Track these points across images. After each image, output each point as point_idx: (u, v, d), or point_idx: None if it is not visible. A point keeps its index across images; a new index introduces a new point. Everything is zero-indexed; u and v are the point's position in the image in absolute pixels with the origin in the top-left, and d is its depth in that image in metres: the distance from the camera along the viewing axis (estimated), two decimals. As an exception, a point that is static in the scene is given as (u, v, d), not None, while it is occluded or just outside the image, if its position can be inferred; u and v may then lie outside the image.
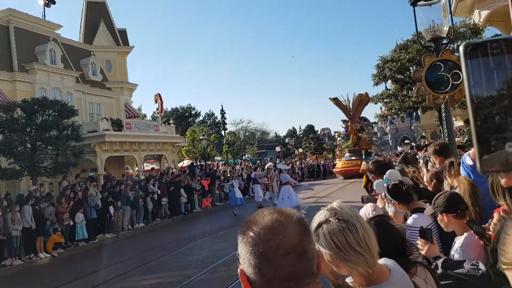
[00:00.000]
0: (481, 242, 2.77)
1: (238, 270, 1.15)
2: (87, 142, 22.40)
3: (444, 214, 3.10)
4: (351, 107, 42.99)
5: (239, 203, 21.25)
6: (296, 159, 51.92)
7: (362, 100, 41.23)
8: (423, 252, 2.89)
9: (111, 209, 18.38)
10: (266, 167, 24.96)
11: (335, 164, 43.13)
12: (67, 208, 16.40)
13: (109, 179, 21.77)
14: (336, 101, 42.28)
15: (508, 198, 2.64)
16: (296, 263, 1.09)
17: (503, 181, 0.79)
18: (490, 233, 2.70)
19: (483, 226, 2.79)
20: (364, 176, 20.05)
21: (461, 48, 0.73)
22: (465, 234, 2.99)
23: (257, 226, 1.13)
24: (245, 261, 1.12)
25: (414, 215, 3.60)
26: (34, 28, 27.37)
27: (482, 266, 2.53)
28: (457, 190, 3.48)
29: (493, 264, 2.50)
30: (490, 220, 2.73)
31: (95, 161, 23.85)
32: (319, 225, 1.71)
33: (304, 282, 1.10)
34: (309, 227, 1.22)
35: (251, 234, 1.13)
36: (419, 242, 2.92)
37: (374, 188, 4.22)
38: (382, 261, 1.83)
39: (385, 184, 3.87)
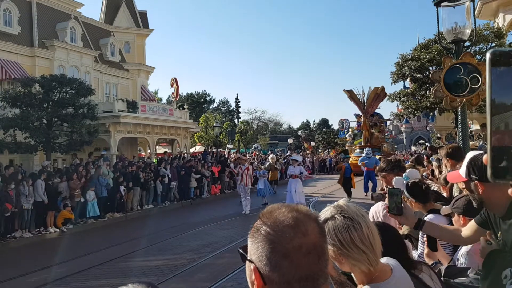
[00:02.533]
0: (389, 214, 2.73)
1: (252, 267, 1.11)
2: (102, 121, 22.64)
3: (461, 216, 3.11)
4: (365, 101, 41.75)
5: (267, 194, 19.86)
6: (307, 151, 51.64)
7: (378, 94, 39.26)
8: (425, 252, 2.92)
9: (122, 188, 18.61)
10: (269, 158, 24.52)
11: (344, 160, 42.54)
12: (78, 185, 16.64)
13: (121, 160, 22.01)
14: (350, 93, 40.73)
15: None
16: (316, 263, 1.09)
17: (510, 191, 0.80)
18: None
19: None
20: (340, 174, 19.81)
21: (487, 55, 0.73)
22: None
23: (276, 223, 1.10)
24: (262, 259, 1.09)
25: (429, 215, 3.61)
26: (56, 5, 27.53)
27: None
28: None
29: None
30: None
31: (109, 141, 24.11)
32: (325, 221, 1.74)
33: (320, 282, 1.10)
34: (324, 227, 1.21)
35: (271, 231, 1.09)
36: (424, 247, 2.94)
37: (394, 183, 4.22)
38: (384, 260, 1.85)
39: (404, 182, 3.87)
